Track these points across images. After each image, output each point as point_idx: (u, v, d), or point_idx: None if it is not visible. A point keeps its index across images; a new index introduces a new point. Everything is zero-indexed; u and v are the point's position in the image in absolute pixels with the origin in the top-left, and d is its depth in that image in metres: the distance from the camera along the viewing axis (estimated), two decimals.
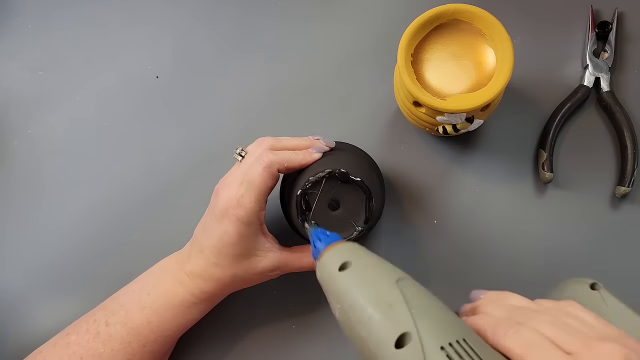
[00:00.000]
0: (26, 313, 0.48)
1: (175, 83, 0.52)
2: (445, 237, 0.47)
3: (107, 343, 0.38)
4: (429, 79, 0.40)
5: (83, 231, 0.50)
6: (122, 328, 0.39)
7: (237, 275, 0.39)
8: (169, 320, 0.39)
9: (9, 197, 0.51)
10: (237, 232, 0.37)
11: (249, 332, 0.46)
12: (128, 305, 0.40)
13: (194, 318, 0.41)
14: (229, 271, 0.38)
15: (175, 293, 0.39)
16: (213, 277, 0.39)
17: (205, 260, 0.39)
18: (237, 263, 0.38)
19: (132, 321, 0.39)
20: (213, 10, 0.54)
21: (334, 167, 0.36)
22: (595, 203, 0.46)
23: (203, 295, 0.40)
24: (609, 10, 0.49)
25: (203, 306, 0.41)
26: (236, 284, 0.40)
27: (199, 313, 0.41)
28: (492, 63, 0.39)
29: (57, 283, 0.48)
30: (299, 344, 0.46)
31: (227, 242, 0.37)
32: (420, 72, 0.40)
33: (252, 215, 0.36)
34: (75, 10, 0.55)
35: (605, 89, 0.47)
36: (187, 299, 0.39)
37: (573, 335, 0.25)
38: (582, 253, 0.45)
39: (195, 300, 0.40)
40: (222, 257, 0.38)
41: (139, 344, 0.39)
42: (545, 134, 0.47)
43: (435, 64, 0.40)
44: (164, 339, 0.40)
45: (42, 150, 0.52)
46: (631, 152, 0.45)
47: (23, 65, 0.54)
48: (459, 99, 0.38)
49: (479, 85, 0.39)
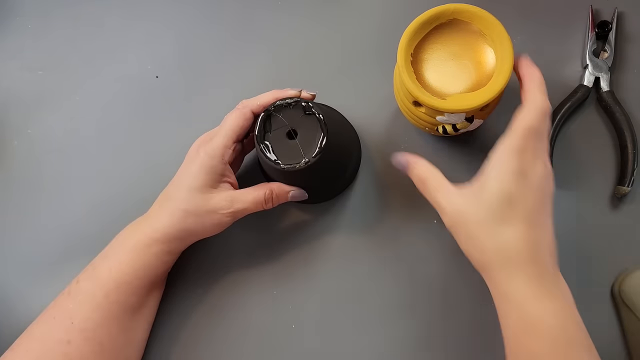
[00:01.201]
0: (26, 312, 0.48)
1: (175, 82, 0.52)
2: (445, 237, 0.47)
3: (75, 297, 0.40)
4: (428, 79, 0.40)
5: (83, 231, 0.50)
6: (88, 282, 0.40)
7: (189, 210, 0.39)
8: (126, 264, 0.40)
9: (8, 196, 0.51)
10: (199, 164, 0.39)
11: (249, 332, 0.46)
12: (96, 261, 0.41)
13: (152, 262, 0.40)
14: (181, 205, 0.39)
15: (131, 236, 0.41)
16: (165, 212, 0.40)
17: (161, 198, 0.41)
18: (190, 195, 0.39)
19: (96, 272, 0.40)
20: (213, 10, 0.54)
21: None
22: (594, 203, 0.46)
23: (155, 233, 0.40)
24: (609, 9, 0.49)
25: (157, 248, 0.40)
26: (188, 222, 0.40)
27: (155, 257, 0.40)
28: (492, 63, 0.39)
29: (57, 282, 0.48)
30: (299, 344, 0.46)
31: (186, 174, 0.40)
32: (420, 71, 0.40)
33: (216, 149, 0.39)
34: (74, 10, 0.55)
35: (605, 88, 0.47)
36: (141, 239, 0.40)
37: None
38: (582, 252, 0.45)
39: (148, 240, 0.40)
40: (177, 189, 0.40)
41: (102, 293, 0.39)
42: None
43: (435, 63, 0.40)
44: (125, 287, 0.40)
45: (41, 150, 0.52)
46: (631, 151, 0.45)
47: (23, 65, 0.54)
48: (458, 99, 0.39)
49: (478, 85, 0.39)
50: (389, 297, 0.46)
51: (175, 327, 0.46)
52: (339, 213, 0.48)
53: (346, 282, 0.47)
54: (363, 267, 0.47)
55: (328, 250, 0.47)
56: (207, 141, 0.41)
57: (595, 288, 0.45)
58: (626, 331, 0.43)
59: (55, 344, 0.38)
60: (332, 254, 0.47)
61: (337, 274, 0.47)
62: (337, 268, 0.47)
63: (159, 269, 0.42)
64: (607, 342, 0.43)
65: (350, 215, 0.48)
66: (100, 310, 0.39)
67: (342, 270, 0.47)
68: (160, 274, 0.42)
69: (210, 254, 0.48)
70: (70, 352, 0.38)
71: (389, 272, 0.46)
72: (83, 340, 0.38)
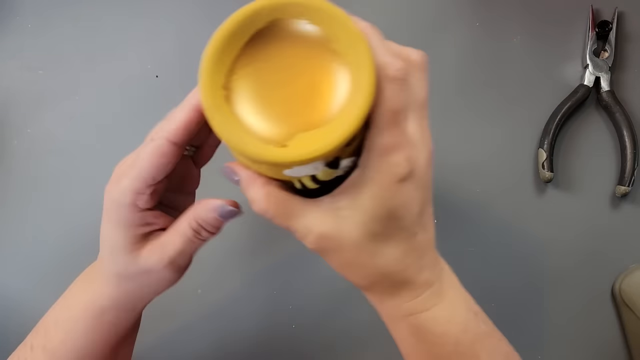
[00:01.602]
0: (25, 313, 0.48)
1: (175, 82, 0.52)
2: (445, 237, 0.47)
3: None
4: (259, 119, 0.25)
5: (83, 230, 0.50)
6: (44, 353, 0.34)
7: (121, 274, 0.31)
8: (81, 337, 0.33)
9: (8, 196, 0.51)
10: (108, 218, 0.30)
11: (249, 333, 0.46)
12: (47, 321, 0.35)
13: (109, 330, 0.34)
14: (111, 268, 0.32)
15: (79, 302, 0.33)
16: (102, 277, 0.32)
17: (98, 263, 0.33)
18: (114, 258, 0.31)
19: (49, 343, 0.34)
20: (213, 8, 0.54)
21: None
22: (595, 202, 0.46)
23: (103, 300, 0.32)
24: (609, 9, 0.49)
25: (110, 315, 0.33)
26: (128, 288, 0.32)
27: (111, 325, 0.33)
28: (345, 77, 0.25)
29: (56, 283, 0.48)
30: (299, 344, 0.46)
31: (103, 229, 0.31)
32: (243, 109, 0.25)
33: (125, 195, 0.29)
34: (74, 9, 0.55)
35: (605, 88, 0.47)
36: (90, 307, 0.33)
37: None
38: (582, 252, 0.45)
39: (98, 310, 0.33)
40: (102, 247, 0.32)
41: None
42: (545, 133, 0.47)
43: (261, 92, 0.25)
44: (87, 359, 0.34)
45: (41, 150, 0.52)
46: (631, 151, 0.45)
47: (22, 64, 0.54)
48: (302, 142, 0.24)
49: (329, 115, 0.24)
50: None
51: (173, 328, 0.46)
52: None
53: (346, 281, 0.46)
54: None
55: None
56: (118, 178, 0.30)
57: (596, 288, 0.45)
58: (627, 331, 0.43)
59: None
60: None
61: (337, 273, 0.47)
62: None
63: (120, 334, 0.34)
64: (607, 341, 0.43)
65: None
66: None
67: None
68: (123, 335, 0.35)
69: (209, 254, 0.48)
70: None
71: None
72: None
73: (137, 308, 0.34)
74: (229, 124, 0.24)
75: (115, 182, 0.30)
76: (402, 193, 0.26)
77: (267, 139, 0.24)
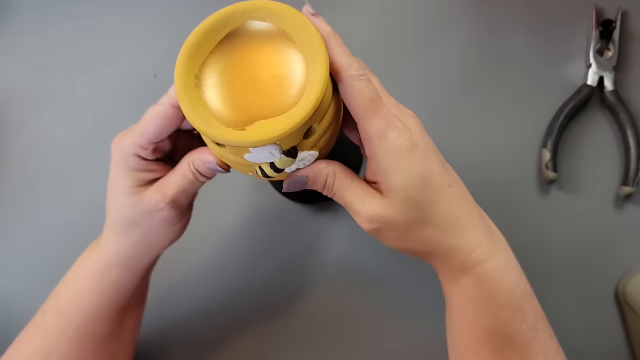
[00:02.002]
0: (25, 313, 0.47)
1: (172, 80, 0.52)
2: None
3: (46, 334, 0.37)
4: (225, 106, 0.28)
5: (81, 230, 0.49)
6: (55, 314, 0.37)
7: (126, 220, 0.34)
8: (87, 294, 0.36)
9: (6, 195, 0.51)
10: (115, 165, 0.34)
11: (249, 333, 0.46)
12: (59, 286, 0.38)
13: (113, 289, 0.36)
14: (117, 216, 0.34)
15: (88, 260, 0.37)
16: (109, 229, 0.35)
17: (106, 217, 0.36)
18: (119, 203, 0.34)
19: (60, 303, 0.37)
20: (211, 8, 0.54)
21: None
22: (598, 203, 0.46)
23: (109, 255, 0.36)
24: (613, 8, 0.49)
25: (116, 272, 0.36)
26: (133, 235, 0.35)
27: (115, 282, 0.36)
28: (303, 74, 0.29)
29: (54, 282, 0.48)
30: (299, 344, 0.45)
31: (110, 181, 0.35)
32: (211, 96, 0.29)
33: (129, 146, 0.33)
34: (72, 9, 0.55)
35: (609, 88, 0.47)
36: (97, 264, 0.36)
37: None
38: (586, 253, 0.45)
39: (104, 265, 0.36)
40: (108, 199, 0.35)
41: (71, 328, 0.36)
42: (549, 133, 0.46)
43: (231, 85, 0.29)
44: (93, 318, 0.36)
45: (39, 149, 0.52)
46: (635, 152, 0.45)
47: (20, 63, 0.54)
48: (260, 127, 0.28)
49: (290, 106, 0.28)
50: (389, 295, 0.46)
51: (171, 330, 0.46)
52: (339, 212, 0.48)
53: (346, 281, 0.46)
54: (363, 265, 0.46)
55: (328, 249, 0.47)
56: (125, 134, 0.34)
57: (599, 289, 0.44)
58: (630, 332, 0.43)
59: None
60: (332, 253, 0.47)
61: (337, 272, 0.47)
62: (337, 267, 0.47)
63: (124, 294, 0.37)
64: (610, 343, 0.43)
65: (350, 214, 0.48)
66: (75, 346, 0.36)
67: (342, 269, 0.47)
68: (127, 298, 0.38)
69: (209, 255, 0.48)
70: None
71: (389, 271, 0.46)
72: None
73: (141, 266, 0.37)
74: (196, 107, 0.28)
75: (122, 136, 0.34)
76: (417, 157, 0.29)
77: (229, 123, 0.28)
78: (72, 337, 0.36)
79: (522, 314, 0.32)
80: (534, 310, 0.33)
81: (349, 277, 0.46)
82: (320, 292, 0.46)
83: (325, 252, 0.47)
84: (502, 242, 0.34)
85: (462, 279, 0.32)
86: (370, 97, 0.28)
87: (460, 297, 0.33)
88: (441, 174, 0.31)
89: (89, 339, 0.37)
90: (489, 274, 0.31)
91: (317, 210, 0.48)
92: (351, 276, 0.46)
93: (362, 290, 0.46)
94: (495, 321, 0.31)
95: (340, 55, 0.29)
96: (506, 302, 0.31)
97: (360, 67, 0.29)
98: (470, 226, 0.32)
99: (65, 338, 0.36)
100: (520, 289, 0.32)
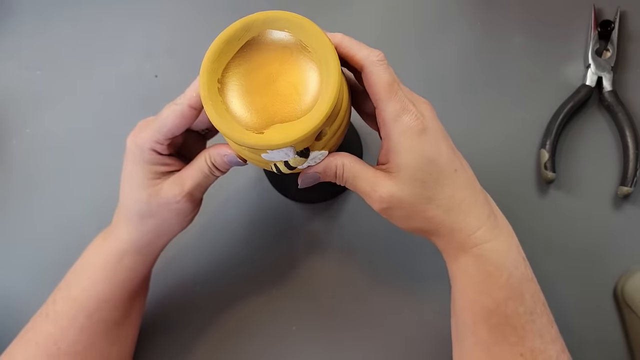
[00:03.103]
0: (25, 312, 0.47)
1: (174, 81, 0.52)
2: None
3: (56, 322, 0.38)
4: (244, 109, 0.31)
5: (82, 230, 0.49)
6: (66, 302, 0.38)
7: (142, 212, 0.36)
8: (102, 282, 0.38)
9: (7, 195, 0.51)
10: (131, 159, 0.36)
11: (249, 334, 0.46)
12: (68, 276, 0.39)
13: (127, 276, 0.38)
14: (133, 208, 0.36)
15: (100, 250, 0.38)
16: (123, 220, 0.37)
17: (117, 206, 0.38)
18: (136, 196, 0.36)
19: (71, 292, 0.38)
20: (211, 9, 0.54)
21: None
22: (597, 203, 0.46)
23: (123, 244, 0.37)
24: (612, 9, 0.49)
25: (130, 259, 0.38)
26: (148, 225, 0.37)
27: (130, 269, 0.38)
28: (317, 82, 0.31)
29: (56, 281, 0.48)
30: (299, 345, 0.45)
31: (125, 174, 0.36)
32: (231, 101, 0.31)
33: (145, 141, 0.35)
34: (72, 9, 0.55)
35: (607, 88, 0.47)
36: (111, 253, 0.38)
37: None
38: (584, 253, 0.45)
39: (118, 253, 0.37)
40: (123, 192, 0.37)
41: (84, 315, 0.37)
42: (547, 133, 0.47)
43: (248, 88, 0.31)
44: (106, 304, 0.38)
45: (40, 149, 0.52)
46: (633, 152, 0.45)
47: (21, 64, 0.54)
48: (276, 131, 0.30)
49: (305, 111, 0.31)
50: (389, 295, 0.46)
51: (172, 329, 0.46)
52: (339, 212, 0.48)
53: (346, 281, 0.46)
54: (363, 265, 0.47)
55: (328, 249, 0.47)
56: (142, 128, 0.36)
57: (598, 289, 0.44)
58: (629, 332, 0.43)
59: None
60: (332, 253, 0.47)
61: (337, 272, 0.47)
62: (337, 267, 0.47)
63: (136, 280, 0.39)
64: (609, 343, 0.43)
65: (350, 214, 0.48)
66: (86, 332, 0.38)
67: (342, 269, 0.47)
68: (139, 283, 0.40)
69: (208, 254, 0.48)
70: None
71: (389, 270, 0.46)
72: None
73: (154, 252, 0.39)
74: (219, 111, 0.30)
75: (138, 131, 0.35)
76: (427, 140, 0.32)
77: (248, 126, 0.30)
78: (84, 323, 0.37)
79: (520, 296, 0.33)
80: (534, 294, 0.34)
81: (348, 277, 0.47)
82: (320, 293, 0.47)
83: (324, 251, 0.47)
84: (505, 227, 0.35)
85: (462, 258, 0.34)
86: (389, 82, 0.31)
87: (461, 276, 0.35)
88: (449, 157, 0.33)
89: (101, 324, 0.38)
90: (487, 254, 0.33)
91: (317, 210, 0.48)
92: (351, 276, 0.47)
93: (361, 289, 0.46)
94: (492, 300, 0.33)
95: (359, 49, 0.32)
96: (503, 283, 0.33)
97: (380, 54, 0.32)
98: (473, 209, 0.33)
99: (76, 324, 0.37)
100: (520, 272, 0.34)
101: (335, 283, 0.46)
